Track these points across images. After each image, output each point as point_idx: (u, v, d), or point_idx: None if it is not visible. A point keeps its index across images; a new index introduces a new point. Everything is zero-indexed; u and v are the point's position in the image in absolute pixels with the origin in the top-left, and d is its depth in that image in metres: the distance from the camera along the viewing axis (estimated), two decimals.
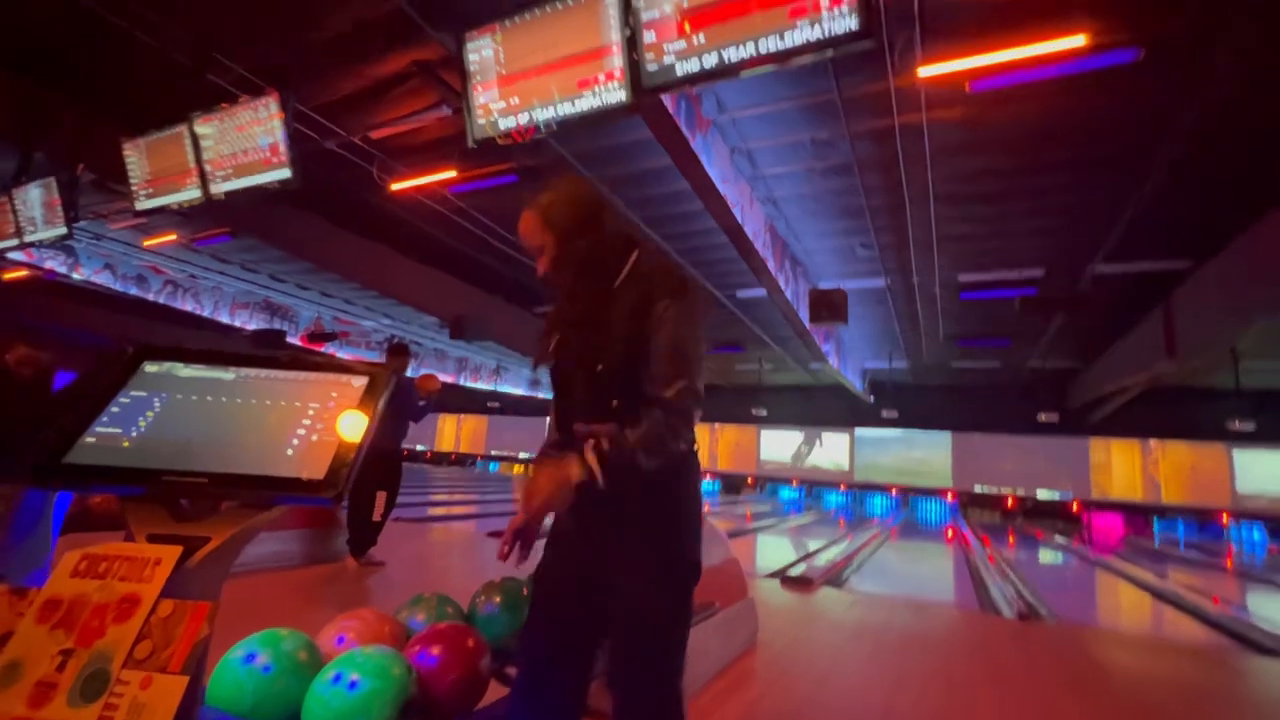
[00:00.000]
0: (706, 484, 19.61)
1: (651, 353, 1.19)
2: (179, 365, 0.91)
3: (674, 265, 1.32)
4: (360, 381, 0.91)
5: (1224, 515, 14.39)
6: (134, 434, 0.83)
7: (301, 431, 0.85)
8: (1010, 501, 16.34)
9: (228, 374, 0.91)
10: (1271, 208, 5.81)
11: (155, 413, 0.85)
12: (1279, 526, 13.90)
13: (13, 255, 8.82)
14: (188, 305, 12.06)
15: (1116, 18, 3.83)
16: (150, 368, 0.91)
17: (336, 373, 0.92)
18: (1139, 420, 14.55)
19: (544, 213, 1.28)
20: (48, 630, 0.71)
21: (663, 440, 1.16)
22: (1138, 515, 15.18)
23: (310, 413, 0.87)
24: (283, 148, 3.59)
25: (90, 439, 0.82)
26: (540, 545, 1.35)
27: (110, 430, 0.83)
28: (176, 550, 0.75)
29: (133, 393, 0.87)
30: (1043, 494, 16.10)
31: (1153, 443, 15.16)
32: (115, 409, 0.85)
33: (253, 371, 0.92)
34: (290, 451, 0.83)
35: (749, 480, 19.53)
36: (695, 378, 1.21)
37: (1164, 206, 6.16)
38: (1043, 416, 14.66)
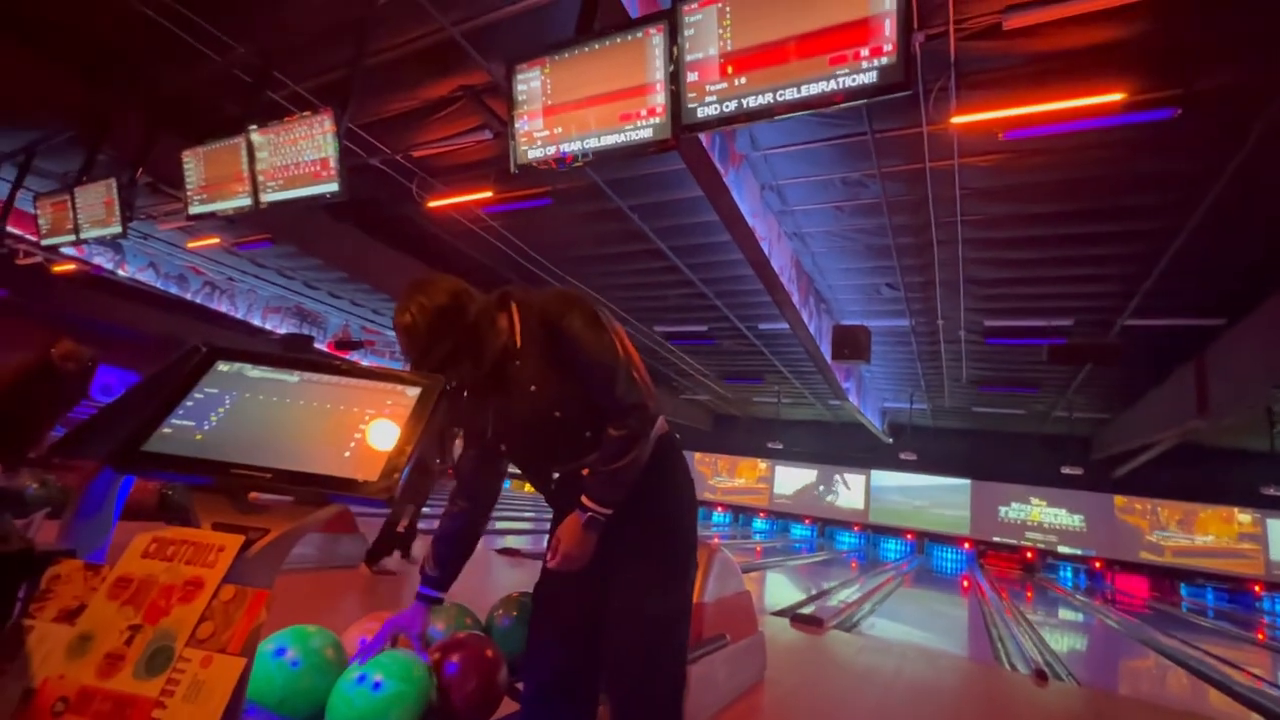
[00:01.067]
0: (718, 516, 19.38)
1: (583, 370, 1.26)
2: (248, 366, 0.98)
3: (553, 289, 1.37)
4: (414, 392, 0.97)
5: (1257, 586, 13.81)
6: (206, 428, 0.89)
7: (359, 435, 0.90)
8: (1030, 554, 15.88)
9: (292, 377, 0.97)
10: None
11: (226, 409, 0.92)
12: None
13: (65, 250, 9.22)
14: (223, 306, 12.43)
15: (1155, 76, 3.87)
16: (223, 367, 0.97)
17: (392, 382, 0.98)
18: (1165, 479, 14.12)
19: (425, 325, 1.19)
20: (118, 606, 0.76)
21: (635, 436, 1.24)
22: (1164, 579, 14.64)
23: (367, 418, 0.93)
24: (333, 162, 3.74)
25: (167, 430, 0.88)
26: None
27: (185, 423, 0.89)
28: (239, 539, 0.80)
29: (206, 389, 0.94)
30: (1064, 549, 15.63)
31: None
32: (190, 403, 0.92)
33: (315, 376, 0.98)
34: (347, 454, 0.88)
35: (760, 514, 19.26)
36: (630, 368, 1.26)
37: (1198, 262, 6.10)
38: (1066, 469, 14.30)
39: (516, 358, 1.28)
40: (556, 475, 1.36)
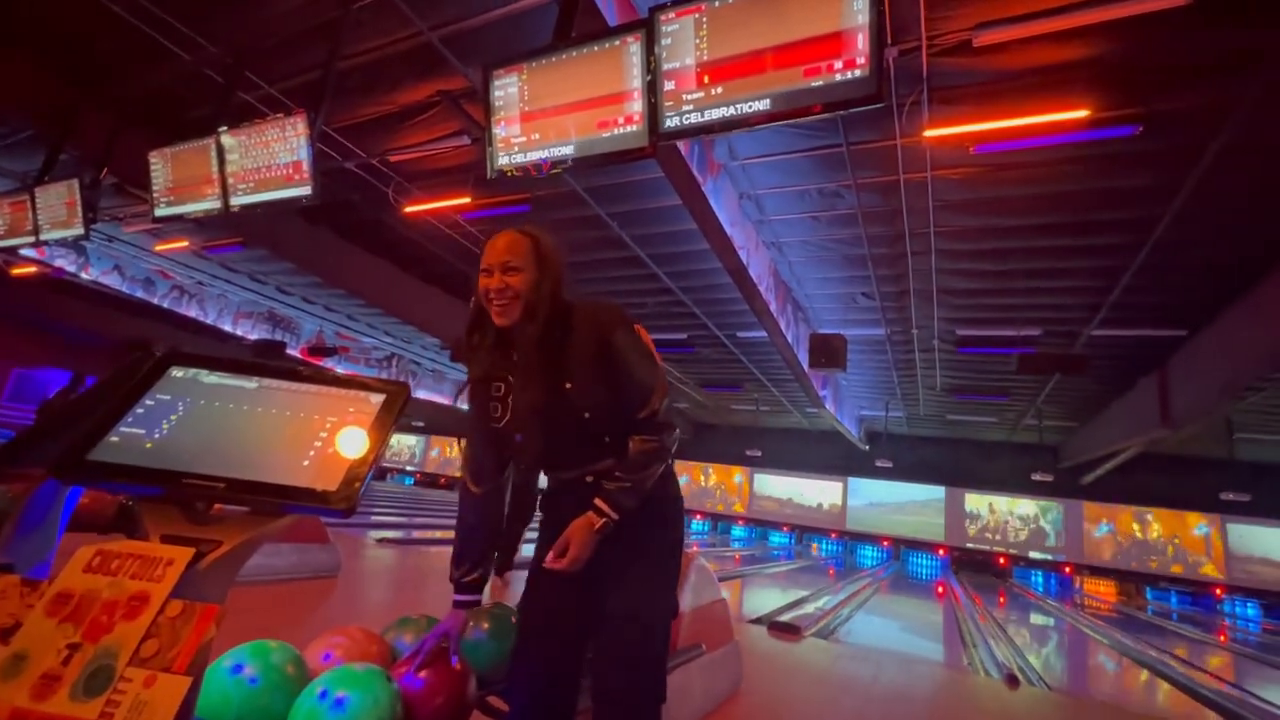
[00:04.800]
0: (697, 524, 19.38)
1: (622, 382, 1.30)
2: (204, 372, 0.95)
3: (603, 300, 1.40)
4: (378, 399, 0.94)
5: (1218, 589, 14.21)
6: (156, 436, 0.86)
7: (318, 444, 0.87)
8: (1003, 560, 16.16)
9: (250, 383, 0.94)
10: (1255, 285, 5.96)
11: (178, 416, 0.88)
12: (1275, 604, 13.71)
13: (25, 252, 8.92)
14: (192, 311, 12.12)
15: (1117, 94, 4.00)
16: (176, 372, 0.94)
17: (355, 389, 0.95)
18: (1130, 485, 14.52)
19: (537, 246, 1.34)
20: (56, 624, 0.72)
21: (660, 454, 1.32)
22: (1129, 582, 15.00)
23: (328, 426, 0.90)
24: (305, 165, 3.67)
25: (114, 438, 0.84)
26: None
27: (134, 431, 0.86)
28: (189, 552, 0.77)
29: (158, 396, 0.90)
30: (1035, 554, 15.95)
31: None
32: (140, 410, 0.88)
33: (275, 382, 0.95)
34: (306, 463, 0.86)
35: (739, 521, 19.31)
36: (664, 390, 1.34)
37: (1159, 275, 6.30)
38: (1037, 476, 14.62)
39: (566, 350, 1.31)
40: (565, 476, 1.40)
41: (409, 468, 25.13)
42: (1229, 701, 4.93)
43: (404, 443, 25.45)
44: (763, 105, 2.31)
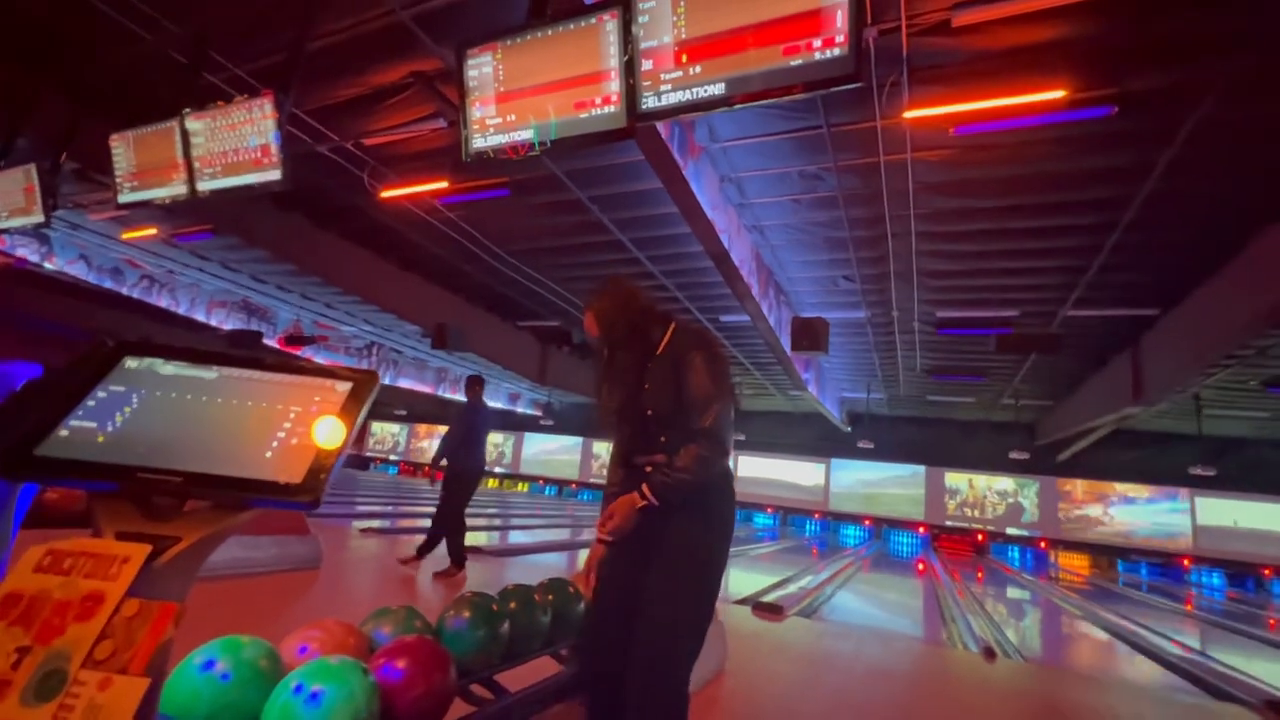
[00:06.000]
0: None
1: (687, 392, 1.53)
2: (160, 362, 0.91)
3: (703, 328, 1.74)
4: (344, 387, 0.91)
5: (1185, 560, 14.70)
6: (110, 429, 0.82)
7: (281, 434, 0.85)
8: (981, 536, 16.54)
9: (210, 373, 0.91)
10: (1224, 265, 6.09)
11: (133, 409, 0.84)
12: (1238, 573, 14.23)
13: None
14: (163, 301, 11.80)
15: (1093, 74, 4.02)
16: (131, 363, 0.90)
17: (321, 377, 0.92)
18: (1103, 462, 14.89)
19: (596, 314, 1.68)
20: (5, 626, 0.69)
21: (704, 460, 1.49)
22: (1103, 556, 15.45)
23: (292, 416, 0.87)
24: (274, 149, 3.56)
25: (64, 432, 0.80)
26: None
27: (85, 424, 0.82)
28: (145, 549, 0.74)
29: (111, 387, 0.86)
30: (1011, 530, 16.34)
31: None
32: (92, 403, 0.84)
33: (235, 371, 0.91)
34: (269, 454, 0.83)
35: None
36: (725, 408, 1.53)
37: (1133, 255, 6.40)
38: (1014, 454, 14.92)
39: (652, 360, 1.60)
40: (635, 463, 1.63)
41: (392, 457, 24.94)
42: (1194, 667, 5.11)
43: (386, 431, 25.24)
44: (742, 85, 2.27)
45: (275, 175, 3.57)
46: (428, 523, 5.07)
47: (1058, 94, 3.87)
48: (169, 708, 1.11)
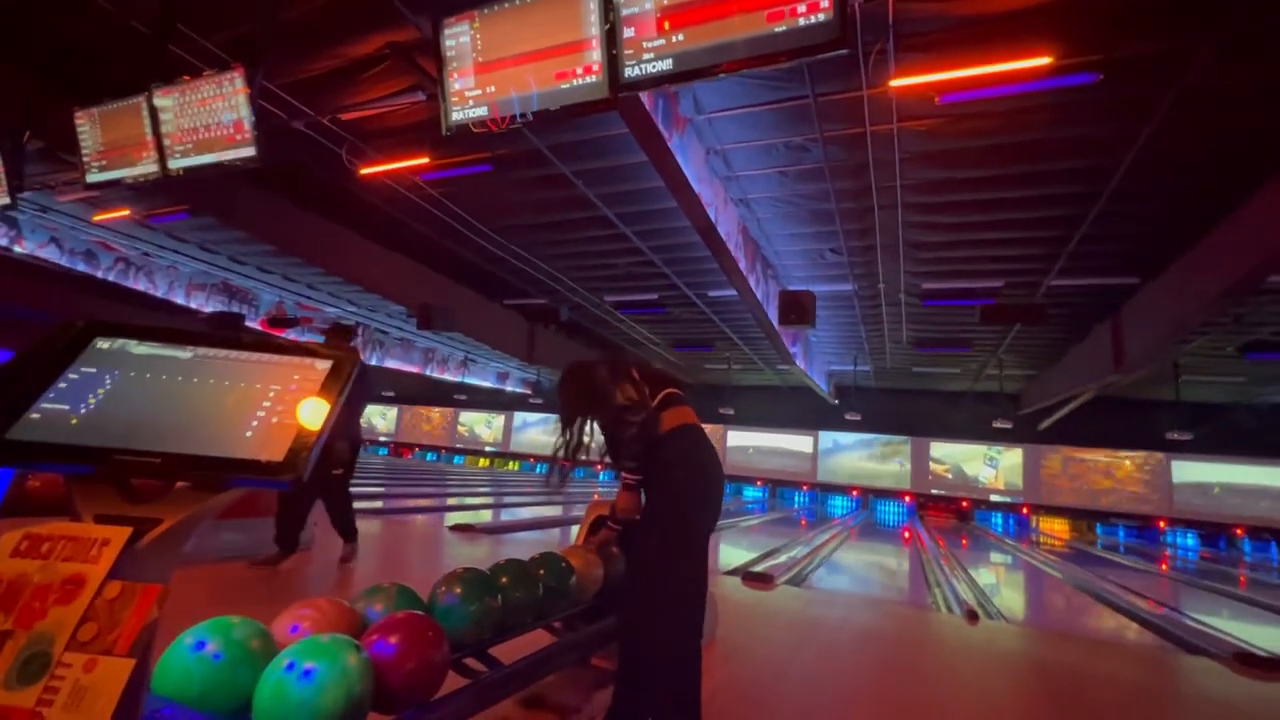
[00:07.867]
0: None
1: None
2: (133, 342, 0.89)
3: (659, 370, 2.09)
4: (324, 365, 0.90)
5: (1161, 521, 15.13)
6: (83, 411, 0.80)
7: (261, 413, 0.83)
8: (965, 503, 16.90)
9: (185, 353, 0.89)
10: (1205, 233, 6.16)
11: (106, 390, 0.83)
12: (1211, 533, 14.68)
13: None
14: (140, 284, 11.55)
15: (1080, 42, 3.99)
16: (102, 344, 0.87)
17: (300, 355, 0.91)
18: (1083, 429, 15.18)
19: (561, 403, 2.00)
20: None
21: (624, 485, 1.95)
22: (1082, 519, 15.87)
23: (271, 395, 0.85)
24: (247, 125, 3.47)
25: (35, 415, 0.79)
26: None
27: (57, 407, 0.80)
28: (125, 531, 0.73)
29: (83, 369, 0.84)
30: (995, 498, 16.71)
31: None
32: (63, 385, 0.82)
33: (211, 351, 0.89)
34: (249, 433, 0.81)
35: None
36: (631, 436, 1.90)
37: (1115, 225, 6.45)
38: (998, 423, 15.16)
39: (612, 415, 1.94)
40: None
41: (382, 438, 24.89)
42: (1169, 625, 5.29)
43: (375, 411, 25.11)
44: (725, 53, 2.23)
45: (250, 151, 3.49)
46: (416, 501, 5.03)
47: (1044, 60, 3.84)
48: (161, 689, 1.11)
